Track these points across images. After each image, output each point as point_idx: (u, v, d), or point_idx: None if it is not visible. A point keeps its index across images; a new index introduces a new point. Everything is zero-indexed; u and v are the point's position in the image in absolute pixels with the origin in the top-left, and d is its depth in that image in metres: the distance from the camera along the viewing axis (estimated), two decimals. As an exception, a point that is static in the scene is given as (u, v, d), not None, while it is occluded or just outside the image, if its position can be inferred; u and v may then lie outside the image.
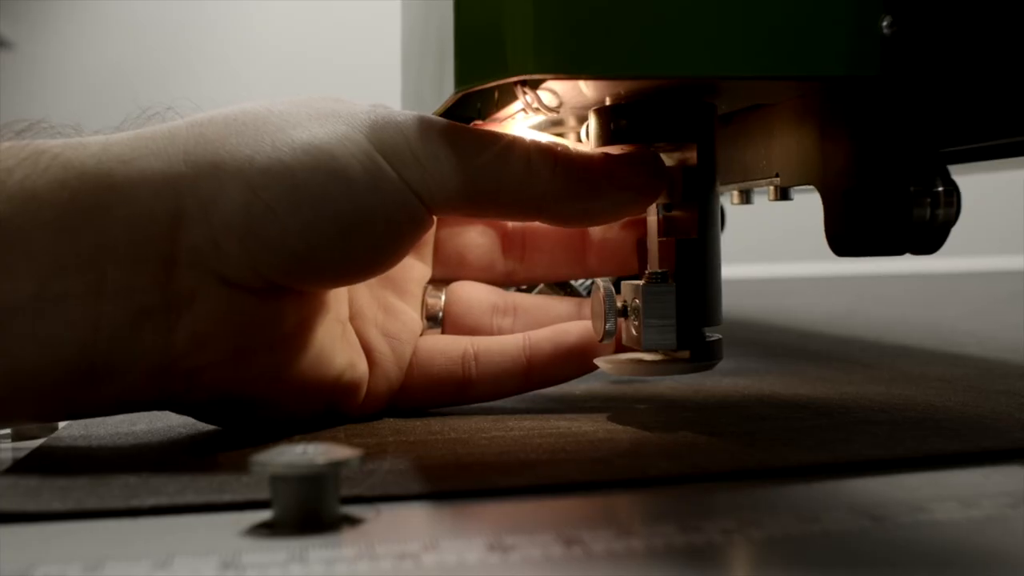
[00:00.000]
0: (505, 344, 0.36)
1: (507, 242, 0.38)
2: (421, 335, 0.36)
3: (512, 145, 0.31)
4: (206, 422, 0.33)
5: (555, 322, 0.37)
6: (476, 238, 0.38)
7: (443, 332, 0.37)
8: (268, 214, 0.29)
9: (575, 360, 0.35)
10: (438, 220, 0.37)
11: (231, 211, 0.29)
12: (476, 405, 0.36)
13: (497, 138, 0.31)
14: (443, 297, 0.37)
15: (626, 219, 0.36)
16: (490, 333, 0.37)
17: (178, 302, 0.29)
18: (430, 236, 0.37)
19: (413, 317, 0.36)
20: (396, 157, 0.30)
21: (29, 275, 0.28)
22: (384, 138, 0.30)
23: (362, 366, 0.34)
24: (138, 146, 0.29)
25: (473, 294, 0.37)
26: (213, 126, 0.30)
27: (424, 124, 0.30)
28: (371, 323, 0.35)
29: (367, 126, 0.30)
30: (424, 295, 0.37)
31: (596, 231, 0.37)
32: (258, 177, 0.29)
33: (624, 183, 0.31)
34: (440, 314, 0.37)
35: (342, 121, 0.30)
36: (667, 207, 0.34)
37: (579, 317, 0.37)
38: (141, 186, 0.29)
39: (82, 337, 0.28)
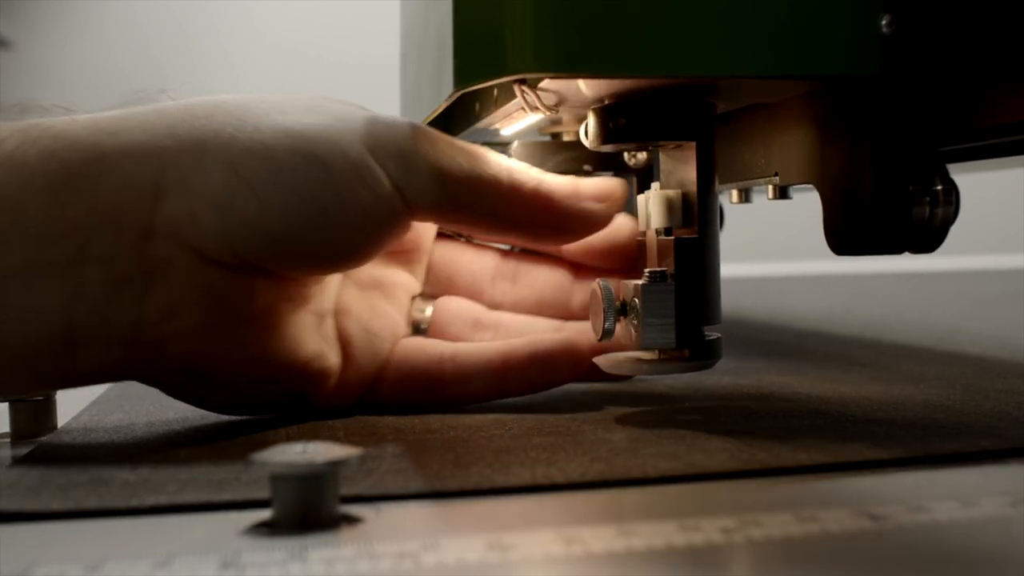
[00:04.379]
0: (483, 348, 0.36)
1: (499, 274, 0.38)
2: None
3: (495, 161, 0.32)
4: (172, 396, 0.33)
5: None
6: (469, 264, 0.38)
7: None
8: (246, 191, 0.29)
9: (550, 368, 0.35)
10: (435, 240, 0.38)
11: (210, 185, 0.29)
12: (476, 404, 0.36)
13: (482, 152, 0.32)
14: (429, 310, 0.38)
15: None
16: None
17: (153, 271, 0.29)
18: (425, 253, 0.38)
19: (397, 320, 0.37)
20: (382, 152, 0.31)
21: (20, 243, 0.28)
22: (372, 132, 0.31)
23: (333, 358, 0.34)
24: (126, 120, 0.30)
25: (459, 307, 0.38)
26: (201, 106, 0.31)
27: (413, 127, 0.31)
28: (354, 319, 0.35)
29: (356, 121, 0.31)
30: (411, 305, 0.38)
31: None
32: (239, 155, 0.30)
33: (591, 199, 0.33)
34: (425, 325, 0.37)
35: (331, 115, 0.31)
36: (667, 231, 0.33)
37: None
38: (126, 157, 0.29)
39: (66, 305, 0.29)
